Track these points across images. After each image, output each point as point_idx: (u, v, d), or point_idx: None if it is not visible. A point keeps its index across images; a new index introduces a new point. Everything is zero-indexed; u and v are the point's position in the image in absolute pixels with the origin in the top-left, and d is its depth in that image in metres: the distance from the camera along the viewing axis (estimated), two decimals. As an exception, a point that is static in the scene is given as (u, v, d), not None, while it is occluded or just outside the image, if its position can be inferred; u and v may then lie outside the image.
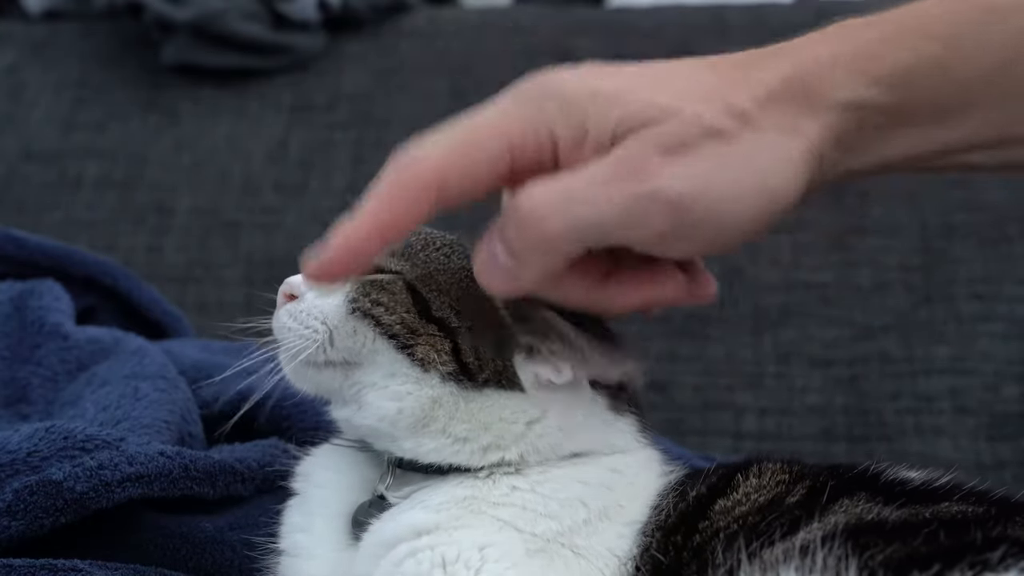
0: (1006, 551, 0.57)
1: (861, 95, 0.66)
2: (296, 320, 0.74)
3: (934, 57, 0.66)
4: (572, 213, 0.62)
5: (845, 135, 0.66)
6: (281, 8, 1.68)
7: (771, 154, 0.64)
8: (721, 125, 0.63)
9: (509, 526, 0.68)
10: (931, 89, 0.66)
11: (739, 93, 0.65)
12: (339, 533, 0.73)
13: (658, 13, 1.72)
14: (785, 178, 0.65)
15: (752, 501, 0.68)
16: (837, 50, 0.68)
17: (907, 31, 0.68)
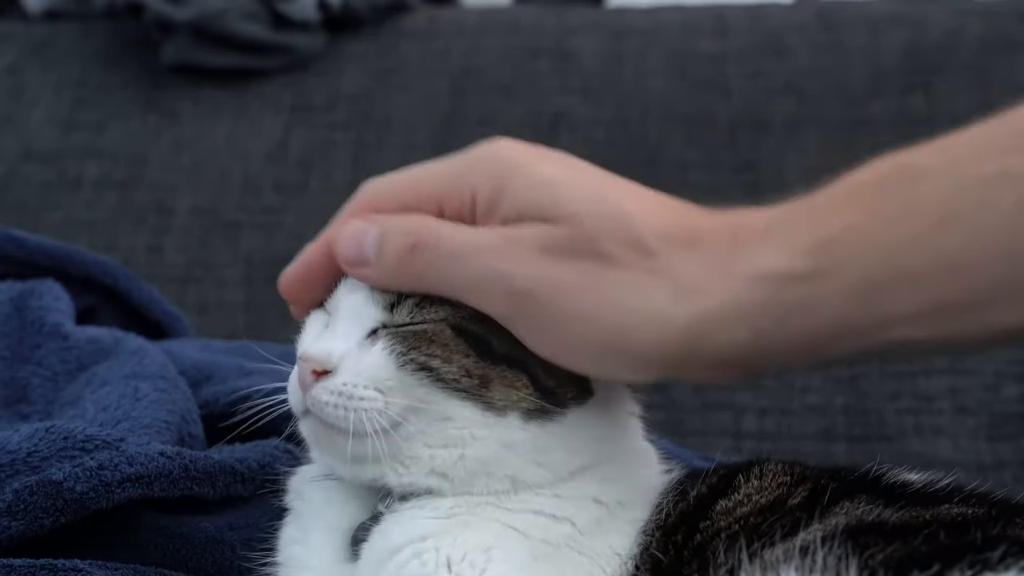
0: (1006, 550, 0.57)
1: (781, 264, 0.64)
2: (343, 396, 0.66)
3: (858, 227, 0.65)
4: (438, 263, 0.66)
5: (771, 306, 0.64)
6: (281, 8, 1.68)
7: (645, 299, 0.64)
8: (611, 251, 0.64)
9: (519, 533, 0.68)
10: (856, 258, 0.64)
11: (654, 227, 0.65)
12: (335, 547, 0.72)
13: (658, 13, 1.72)
14: (648, 328, 0.64)
15: (754, 502, 0.68)
16: (773, 216, 0.66)
17: (834, 200, 0.66)
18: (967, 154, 0.65)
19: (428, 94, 1.66)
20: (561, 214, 0.65)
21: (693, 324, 0.64)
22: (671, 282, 0.65)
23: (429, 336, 0.67)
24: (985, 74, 1.53)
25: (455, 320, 0.68)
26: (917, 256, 0.63)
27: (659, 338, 0.65)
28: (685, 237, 0.66)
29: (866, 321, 0.65)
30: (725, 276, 0.65)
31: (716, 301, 0.64)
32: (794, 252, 0.65)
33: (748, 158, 1.53)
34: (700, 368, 0.67)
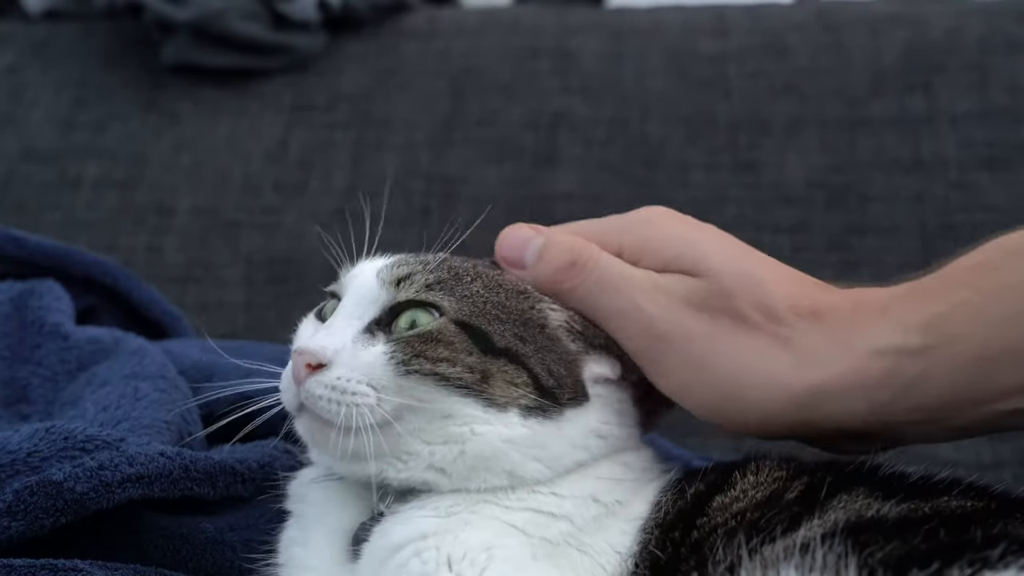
0: (1005, 549, 0.57)
1: (895, 340, 0.69)
2: (336, 390, 0.67)
3: (968, 303, 0.69)
4: (590, 285, 0.72)
5: (887, 380, 0.68)
6: (281, 8, 1.68)
7: (768, 361, 0.70)
8: (745, 312, 0.70)
9: (519, 531, 0.68)
10: (966, 335, 0.68)
11: (784, 297, 0.71)
12: (336, 548, 0.72)
13: (658, 13, 1.72)
14: (766, 389, 0.70)
15: (750, 498, 0.68)
16: (890, 295, 0.72)
17: (945, 280, 0.71)
18: None
19: (428, 94, 1.66)
20: (703, 269, 0.72)
21: (810, 392, 0.69)
22: (794, 350, 0.70)
23: (434, 336, 0.68)
24: (985, 74, 1.53)
25: (459, 315, 0.69)
26: (1020, 331, 0.67)
27: (775, 400, 0.70)
28: (810, 310, 0.71)
29: (978, 394, 0.69)
30: (844, 350, 0.70)
31: (834, 373, 0.69)
32: (909, 329, 0.69)
33: (748, 158, 1.53)
34: (815, 435, 0.72)
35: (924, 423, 0.71)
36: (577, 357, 0.72)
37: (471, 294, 0.70)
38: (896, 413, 0.70)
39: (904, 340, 0.69)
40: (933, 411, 0.70)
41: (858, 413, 0.70)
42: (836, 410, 0.70)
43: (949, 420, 0.70)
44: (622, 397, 0.74)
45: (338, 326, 0.70)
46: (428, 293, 0.69)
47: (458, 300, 0.69)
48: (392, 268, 0.71)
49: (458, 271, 0.72)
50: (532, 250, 0.74)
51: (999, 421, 0.70)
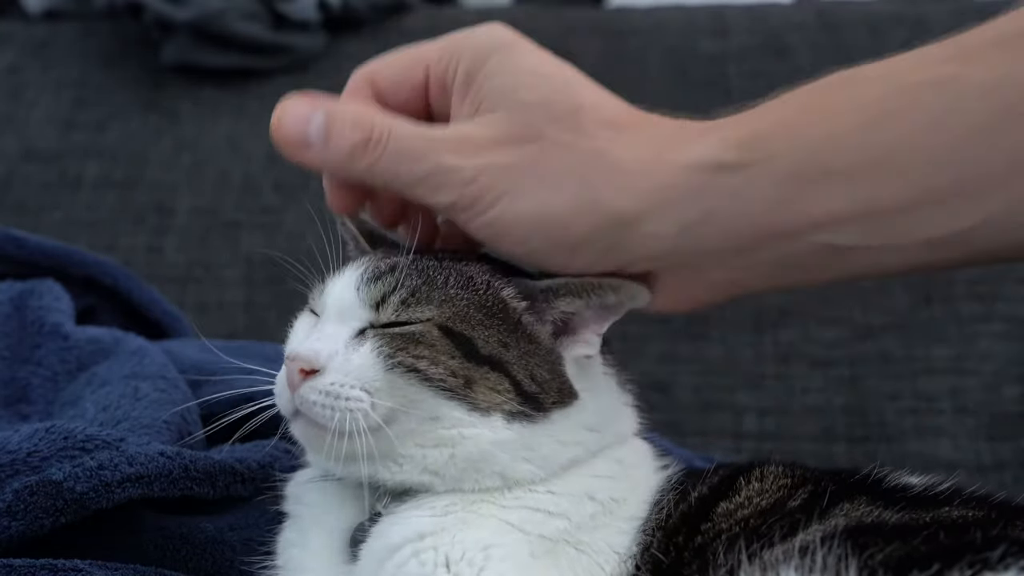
0: (1006, 550, 0.57)
1: (712, 155, 0.66)
2: (330, 395, 0.67)
3: (788, 121, 0.67)
4: (388, 159, 0.68)
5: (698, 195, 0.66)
6: (281, 8, 1.68)
7: (578, 182, 0.67)
8: (553, 135, 0.67)
9: (516, 529, 0.68)
10: (784, 153, 0.66)
11: (603, 116, 0.68)
12: (334, 549, 0.72)
13: (658, 13, 1.72)
14: (577, 210, 0.66)
15: (754, 505, 0.68)
16: (720, 119, 0.69)
17: (776, 102, 0.69)
18: (907, 64, 0.66)
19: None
20: (516, 102, 0.68)
21: (621, 208, 0.66)
22: (606, 167, 0.67)
23: (416, 338, 0.68)
24: (985, 74, 1.52)
25: (442, 320, 0.69)
26: (844, 153, 0.65)
27: (587, 219, 0.67)
28: (630, 123, 0.68)
29: (792, 220, 0.66)
30: (658, 163, 0.67)
31: (645, 186, 0.66)
32: (725, 144, 0.67)
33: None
34: (629, 260, 0.68)
35: (734, 255, 0.67)
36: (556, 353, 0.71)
37: (449, 297, 0.70)
38: (705, 237, 0.67)
39: (719, 155, 0.66)
40: (743, 239, 0.66)
41: (668, 235, 0.67)
42: (647, 230, 0.66)
43: (759, 253, 0.67)
44: (609, 382, 0.74)
45: (329, 331, 0.70)
46: (407, 311, 0.69)
47: (438, 306, 0.69)
48: (368, 287, 0.70)
49: (429, 273, 0.71)
50: (316, 127, 0.71)
51: (810, 262, 0.67)
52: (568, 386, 0.71)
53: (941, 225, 0.64)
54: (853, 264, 0.68)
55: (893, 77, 0.66)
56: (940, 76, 0.64)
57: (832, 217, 0.65)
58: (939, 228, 0.64)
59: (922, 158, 0.63)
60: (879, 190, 0.64)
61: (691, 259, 0.68)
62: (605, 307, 0.71)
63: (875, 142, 0.64)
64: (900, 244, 0.65)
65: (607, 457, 0.73)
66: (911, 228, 0.65)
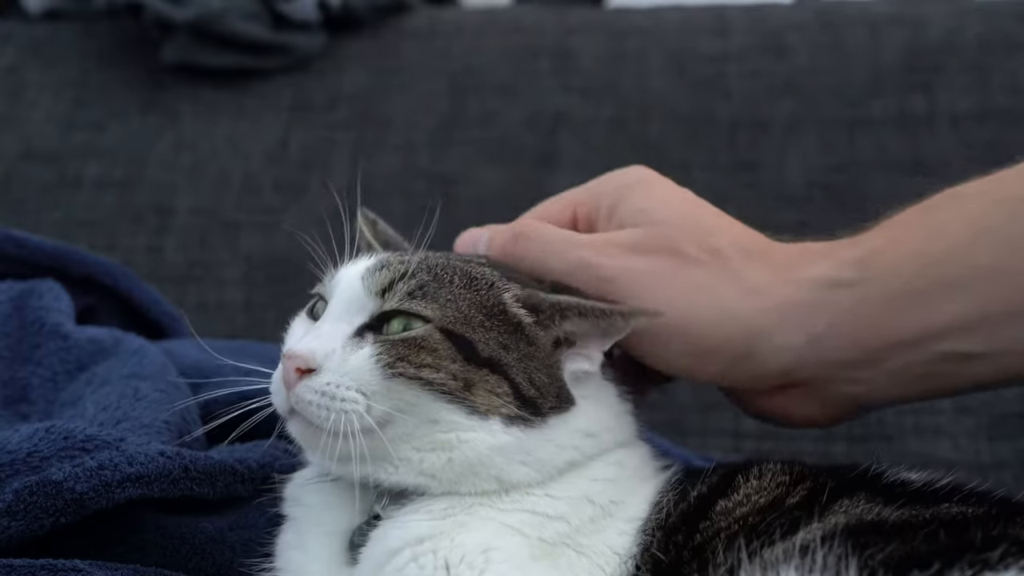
0: (1006, 550, 0.57)
1: (831, 272, 0.73)
2: (326, 395, 0.67)
3: (900, 239, 0.72)
4: (534, 250, 0.77)
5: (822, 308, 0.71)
6: (281, 8, 1.68)
7: (714, 294, 0.73)
8: (689, 252, 0.74)
9: (515, 532, 0.68)
10: (897, 268, 0.71)
11: (731, 239, 0.75)
12: (333, 551, 0.72)
13: (658, 13, 1.72)
14: (713, 318, 0.73)
15: (753, 502, 0.68)
16: (838, 242, 0.75)
17: (888, 223, 0.74)
18: (1005, 178, 0.71)
19: (428, 94, 1.66)
20: (653, 220, 0.76)
21: (754, 320, 0.72)
22: (739, 284, 0.73)
23: (419, 343, 0.68)
24: (985, 74, 1.53)
25: (443, 323, 0.69)
26: (954, 265, 0.69)
27: (722, 330, 0.73)
28: (757, 251, 0.75)
29: (911, 329, 0.70)
30: (786, 282, 0.73)
31: (774, 299, 0.72)
32: (843, 263, 0.73)
33: (748, 158, 1.53)
34: (760, 372, 0.73)
35: (860, 365, 0.72)
36: (556, 359, 0.71)
37: (454, 297, 0.70)
38: (831, 348, 0.72)
39: (839, 272, 0.72)
40: (867, 349, 0.72)
41: (796, 346, 0.72)
42: (777, 342, 0.72)
43: (885, 363, 0.72)
44: (609, 391, 0.74)
45: (327, 329, 0.70)
46: (412, 303, 0.69)
47: (442, 306, 0.69)
48: (375, 274, 0.71)
49: (437, 271, 0.71)
50: (483, 240, 0.80)
51: (938, 369, 0.71)
52: (566, 392, 0.71)
53: None
54: (979, 371, 0.72)
55: (996, 191, 0.71)
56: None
57: (951, 326, 0.70)
58: None
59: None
60: (993, 296, 0.68)
61: (819, 371, 0.73)
62: (613, 330, 0.72)
63: (983, 251, 0.69)
64: (1020, 348, 0.69)
65: (606, 460, 0.73)
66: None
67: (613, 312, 0.71)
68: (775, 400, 0.76)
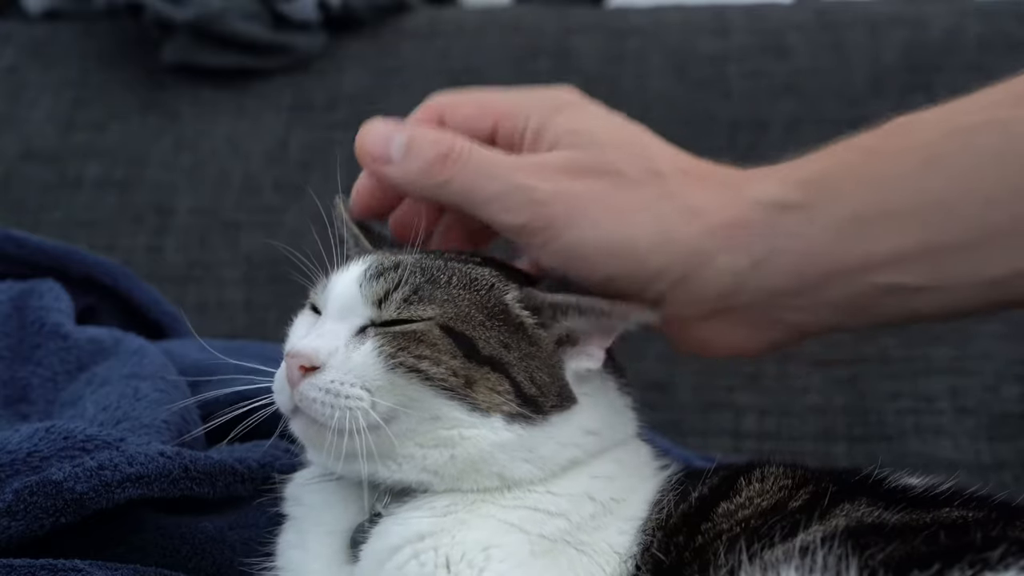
0: (1006, 550, 0.57)
1: (776, 193, 0.70)
2: (331, 393, 0.67)
3: (849, 163, 0.70)
4: (465, 174, 0.71)
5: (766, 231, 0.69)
6: (281, 8, 1.68)
7: (654, 215, 0.70)
8: (628, 172, 0.71)
9: (516, 529, 0.68)
10: (845, 193, 0.69)
11: (671, 162, 0.72)
12: (334, 550, 0.72)
13: (658, 13, 1.72)
14: (653, 239, 0.69)
15: (755, 505, 0.68)
16: (783, 163, 0.73)
17: (838, 146, 0.72)
18: (961, 107, 0.69)
19: (428, 94, 1.65)
20: (588, 142, 0.72)
21: (695, 241, 0.69)
22: (681, 205, 0.70)
23: (419, 336, 0.68)
24: (985, 74, 1.52)
25: (444, 320, 0.69)
26: (902, 193, 0.67)
27: (663, 251, 0.69)
28: (700, 173, 0.72)
29: (856, 258, 0.68)
30: (728, 201, 0.70)
31: (717, 220, 0.69)
32: (788, 184, 0.70)
33: (748, 158, 1.52)
34: (700, 296, 0.70)
35: (800, 293, 0.70)
36: (557, 357, 0.71)
37: (451, 296, 0.70)
38: (773, 274, 0.69)
39: (783, 193, 0.70)
40: (809, 276, 0.69)
41: (738, 270, 0.69)
42: (719, 264, 0.69)
43: (826, 292, 0.69)
44: (609, 384, 0.74)
45: (330, 327, 0.70)
46: (409, 309, 0.69)
47: (440, 305, 0.69)
48: (371, 283, 0.71)
49: (432, 272, 0.71)
50: (397, 145, 0.74)
51: (877, 303, 0.69)
52: (568, 390, 0.71)
53: (1003, 264, 0.66)
54: (919, 305, 0.70)
55: (949, 120, 0.69)
56: (995, 118, 0.67)
57: (895, 256, 0.67)
58: (1001, 267, 0.66)
59: (980, 196, 0.65)
60: (939, 229, 0.66)
61: (760, 297, 0.70)
62: (612, 326, 0.72)
63: (933, 182, 0.66)
64: (964, 283, 0.67)
65: (607, 458, 0.73)
66: (974, 267, 0.67)
67: (612, 310, 0.71)
68: (707, 326, 0.73)
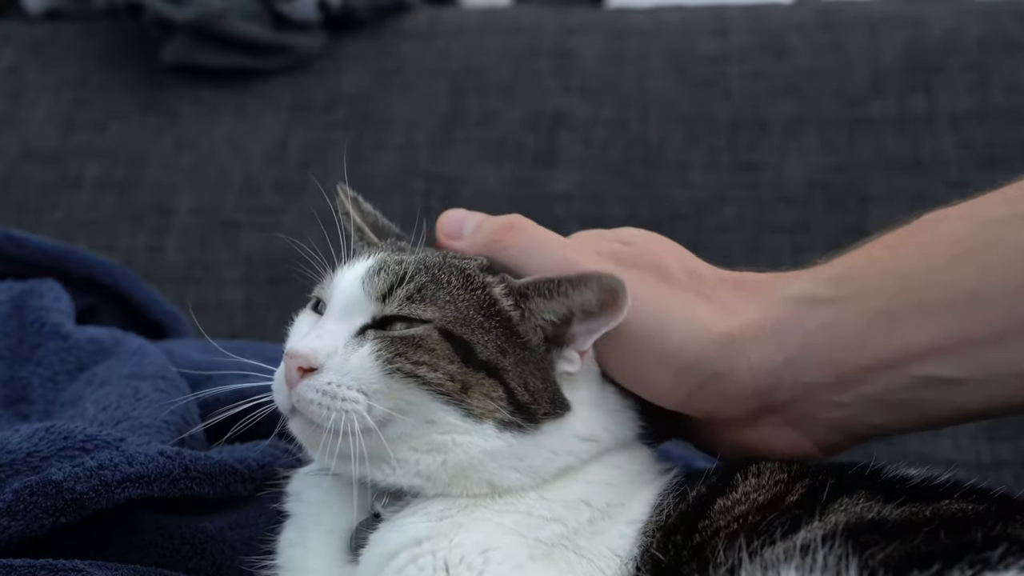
0: (1006, 550, 0.57)
1: (807, 289, 0.72)
2: (328, 395, 0.67)
3: (879, 259, 0.71)
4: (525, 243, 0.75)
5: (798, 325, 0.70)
6: (281, 8, 1.68)
7: (690, 310, 0.72)
8: (671, 270, 0.74)
9: (512, 531, 0.68)
10: (876, 287, 0.70)
11: (710, 271, 0.75)
12: (334, 549, 0.72)
13: (658, 13, 1.72)
14: (687, 332, 0.72)
15: (751, 500, 0.68)
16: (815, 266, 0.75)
17: (866, 244, 0.73)
18: (985, 202, 0.70)
19: (428, 94, 1.66)
20: (636, 240, 0.77)
21: (728, 336, 0.71)
22: (715, 303, 0.73)
23: (417, 341, 0.68)
24: (985, 74, 1.53)
25: (443, 323, 0.69)
26: (934, 287, 0.68)
27: (696, 343, 0.71)
28: (734, 281, 0.75)
29: (889, 350, 0.69)
30: (761, 301, 0.72)
31: (750, 319, 0.72)
32: (819, 280, 0.72)
33: (748, 158, 1.53)
34: (734, 393, 0.72)
35: (838, 388, 0.71)
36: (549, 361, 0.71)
37: (452, 298, 0.70)
38: (808, 368, 0.71)
39: (815, 289, 0.72)
40: (845, 371, 0.70)
41: (772, 364, 0.71)
42: (752, 358, 0.71)
43: (862, 386, 0.70)
44: (608, 388, 0.74)
45: (330, 328, 0.70)
46: (412, 307, 0.69)
47: (441, 308, 0.69)
48: (375, 278, 0.71)
49: (435, 272, 0.71)
50: (470, 224, 0.78)
51: (919, 396, 0.70)
52: (560, 396, 0.71)
53: None
54: (960, 400, 0.70)
55: (975, 214, 0.70)
56: (1018, 211, 0.67)
57: (930, 347, 0.68)
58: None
59: (1011, 288, 0.66)
60: (973, 320, 0.67)
61: (798, 394, 0.72)
62: (588, 315, 0.71)
63: (964, 274, 0.67)
64: (1002, 374, 0.68)
65: (605, 463, 0.72)
66: (1010, 357, 0.67)
67: (573, 280, 0.70)
68: (754, 431, 0.74)
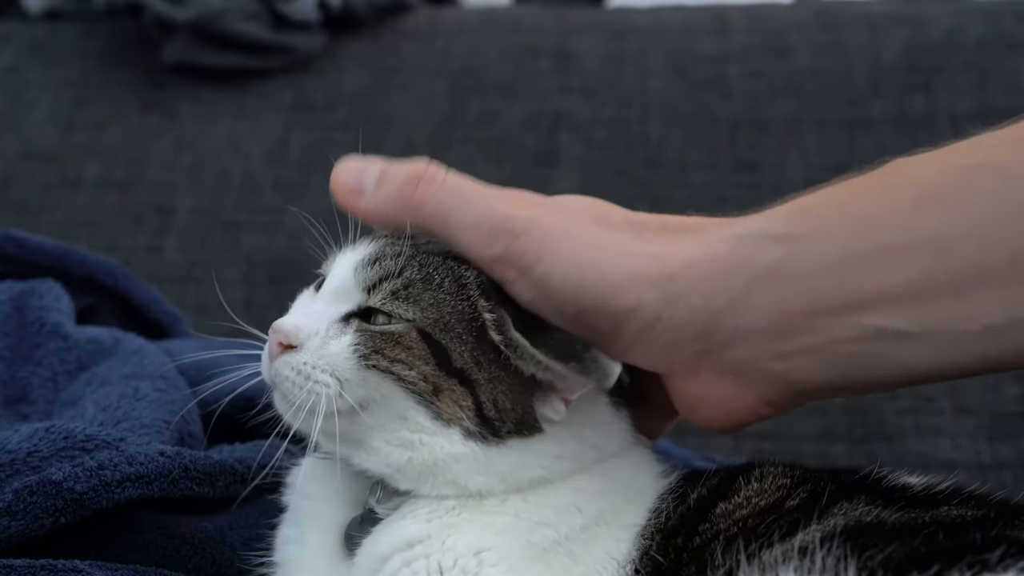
0: (1005, 551, 0.57)
1: (759, 225, 0.66)
2: (301, 374, 0.69)
3: (839, 198, 0.66)
4: (440, 196, 0.69)
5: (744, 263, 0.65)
6: (281, 8, 1.68)
7: (629, 255, 0.67)
8: (609, 217, 0.69)
9: (503, 533, 0.68)
10: (832, 226, 0.65)
11: (657, 220, 0.69)
12: (331, 546, 0.72)
13: (658, 13, 1.72)
14: (626, 275, 0.66)
15: (753, 505, 0.68)
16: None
17: (826, 185, 0.68)
18: (956, 148, 0.66)
19: (428, 94, 1.66)
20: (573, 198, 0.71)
21: (668, 276, 0.66)
22: (656, 247, 0.67)
23: (396, 338, 0.68)
24: (985, 74, 1.53)
25: (423, 324, 0.69)
26: (894, 231, 0.64)
27: (633, 287, 0.66)
28: (680, 224, 0.69)
29: (840, 296, 0.64)
30: (707, 240, 0.67)
31: (692, 257, 0.66)
32: (771, 217, 0.67)
33: (748, 158, 1.53)
34: (675, 339, 0.67)
35: (781, 336, 0.65)
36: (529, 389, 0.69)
37: (437, 301, 0.69)
38: (751, 310, 0.65)
39: (767, 225, 0.66)
40: (789, 316, 0.65)
41: (714, 308, 0.65)
42: (693, 302, 0.65)
43: (809, 334, 0.65)
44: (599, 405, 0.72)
45: (317, 309, 0.71)
46: (394, 304, 0.69)
47: (423, 309, 0.69)
48: (366, 269, 0.71)
49: (429, 270, 0.70)
50: (370, 176, 0.71)
51: (867, 349, 0.65)
52: (530, 421, 0.69)
53: (998, 310, 0.62)
54: (909, 357, 0.65)
55: (945, 160, 0.65)
56: (993, 159, 0.64)
57: (882, 295, 0.64)
58: (996, 314, 0.62)
59: (975, 236, 0.62)
60: (931, 267, 0.63)
61: (739, 340, 0.66)
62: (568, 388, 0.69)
63: (927, 219, 0.63)
64: (956, 332, 0.63)
65: (595, 472, 0.72)
66: (966, 312, 0.63)
67: (550, 366, 0.67)
68: (695, 382, 0.69)
